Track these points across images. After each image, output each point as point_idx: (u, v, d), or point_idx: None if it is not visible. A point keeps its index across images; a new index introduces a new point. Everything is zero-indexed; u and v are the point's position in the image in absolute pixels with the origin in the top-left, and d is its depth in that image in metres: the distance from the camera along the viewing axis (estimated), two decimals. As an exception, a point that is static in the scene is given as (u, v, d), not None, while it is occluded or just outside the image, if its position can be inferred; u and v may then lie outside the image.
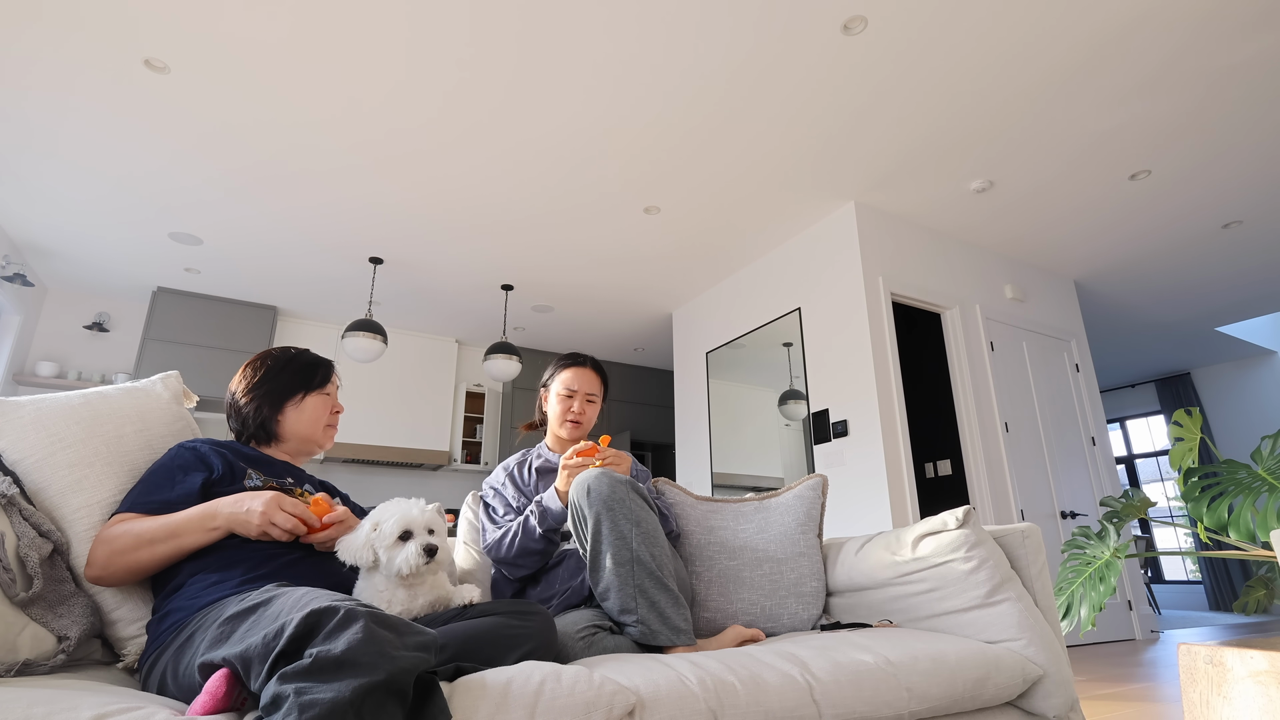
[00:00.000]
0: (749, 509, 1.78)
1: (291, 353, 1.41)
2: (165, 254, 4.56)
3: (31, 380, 4.84)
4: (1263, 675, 0.98)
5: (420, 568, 1.08)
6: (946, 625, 1.42)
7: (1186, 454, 1.57)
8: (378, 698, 0.69)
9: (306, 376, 1.38)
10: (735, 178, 3.73)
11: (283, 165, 3.56)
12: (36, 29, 2.62)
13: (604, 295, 5.38)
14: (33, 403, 1.20)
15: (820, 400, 4.03)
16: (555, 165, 3.59)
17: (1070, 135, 3.40)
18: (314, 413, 1.37)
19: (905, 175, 3.74)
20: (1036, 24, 2.67)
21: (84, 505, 1.14)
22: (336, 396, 1.45)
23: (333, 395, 1.43)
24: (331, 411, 1.41)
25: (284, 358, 1.39)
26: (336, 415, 1.43)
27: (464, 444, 6.25)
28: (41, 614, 1.02)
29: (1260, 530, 1.31)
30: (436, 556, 1.10)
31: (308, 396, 1.37)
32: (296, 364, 1.39)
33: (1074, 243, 4.57)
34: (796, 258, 4.40)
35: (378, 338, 4.56)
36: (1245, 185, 3.90)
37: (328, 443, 1.42)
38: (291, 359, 1.40)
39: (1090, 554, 1.66)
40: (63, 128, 3.21)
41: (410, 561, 1.08)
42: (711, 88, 3.00)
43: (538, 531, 1.52)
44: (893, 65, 2.88)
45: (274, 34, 2.66)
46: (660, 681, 0.96)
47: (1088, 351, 4.96)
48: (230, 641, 0.82)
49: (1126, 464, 8.53)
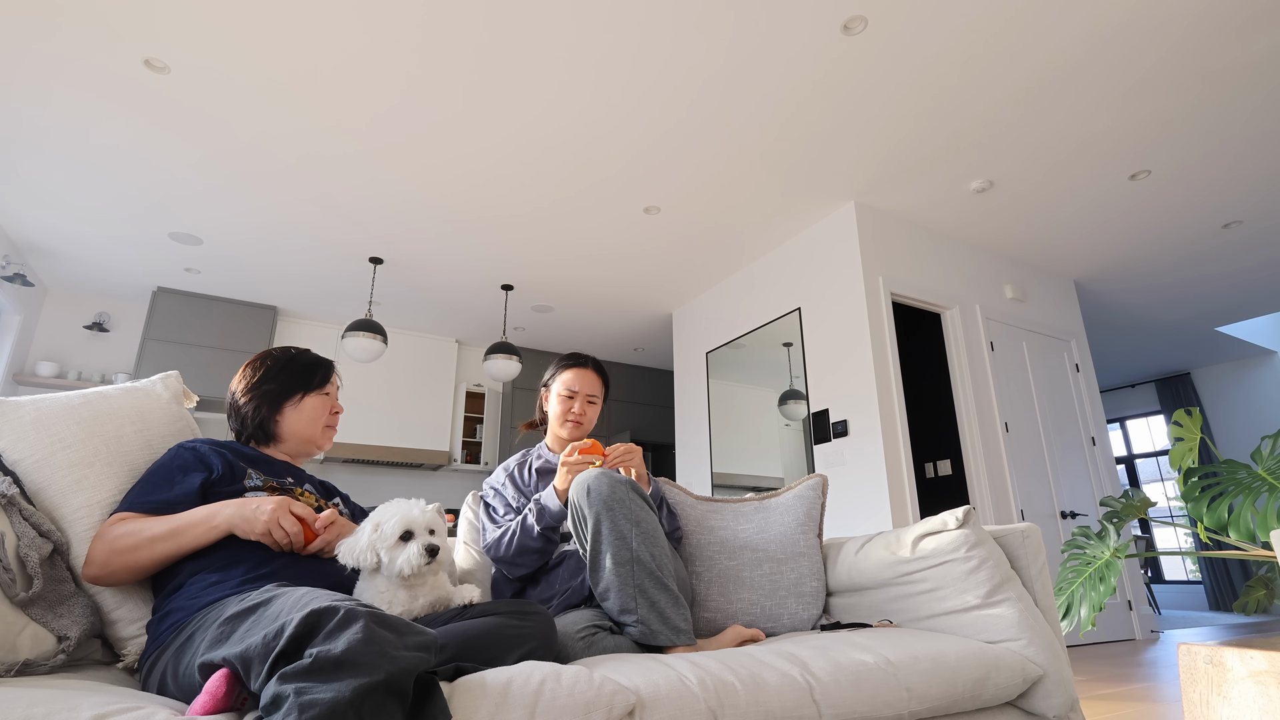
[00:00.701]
0: (749, 509, 1.78)
1: (291, 353, 1.41)
2: (165, 254, 4.56)
3: (31, 380, 4.84)
4: (1263, 675, 0.98)
5: (421, 568, 1.08)
6: (946, 625, 1.42)
7: (1186, 454, 1.57)
8: (378, 698, 0.69)
9: (306, 377, 1.38)
10: (735, 177, 3.73)
11: (283, 165, 3.56)
12: (37, 29, 2.62)
13: (604, 295, 5.38)
14: (33, 403, 1.20)
15: (820, 400, 4.03)
16: (555, 165, 3.59)
17: (1070, 135, 3.40)
18: (312, 413, 1.37)
19: (905, 175, 3.74)
20: (1036, 23, 2.67)
21: (84, 505, 1.14)
22: (336, 397, 1.45)
23: (332, 395, 1.42)
24: (330, 412, 1.41)
25: (284, 358, 1.39)
26: (336, 416, 1.43)
27: (464, 444, 6.25)
28: (41, 614, 1.02)
29: (1260, 530, 1.31)
30: (437, 557, 1.10)
31: (306, 397, 1.37)
32: (296, 364, 1.39)
33: (1074, 242, 4.57)
34: (796, 258, 4.40)
35: (378, 338, 4.56)
36: (1245, 185, 3.90)
37: (326, 443, 1.42)
38: (291, 359, 1.40)
39: (1090, 554, 1.66)
40: (63, 128, 3.21)
41: (412, 562, 1.07)
42: (712, 87, 3.00)
43: (536, 530, 1.52)
44: (892, 65, 2.88)
45: (274, 33, 2.66)
46: (660, 681, 0.96)
47: (1088, 351, 4.96)
48: (230, 641, 0.82)
49: (1126, 464, 8.53)
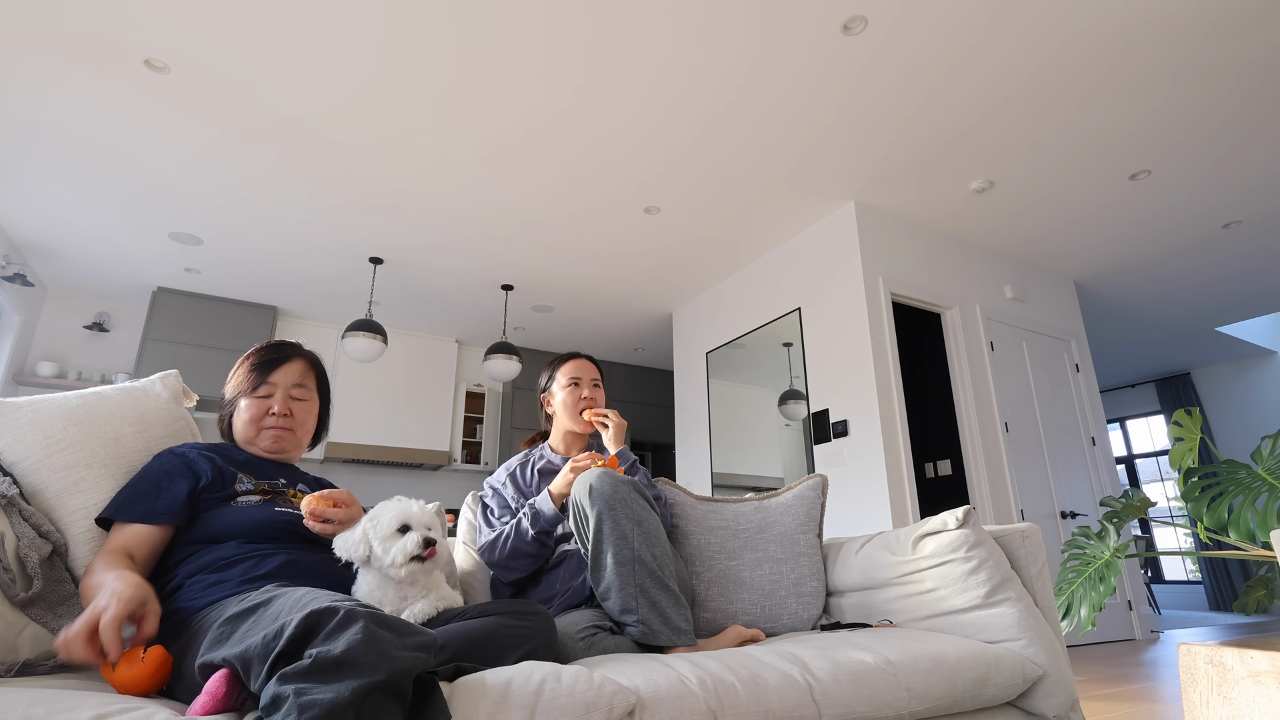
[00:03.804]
0: (749, 509, 1.78)
1: (249, 354, 1.37)
2: (165, 254, 4.56)
3: (31, 380, 4.84)
4: (1263, 675, 0.98)
5: (414, 564, 1.07)
6: (946, 625, 1.42)
7: (1186, 454, 1.57)
8: (377, 698, 0.69)
9: (248, 380, 1.33)
10: (735, 177, 3.73)
11: (283, 165, 3.56)
12: (37, 28, 2.62)
13: (604, 295, 5.38)
14: (30, 404, 1.20)
15: (820, 400, 4.03)
16: (556, 165, 3.59)
17: (1070, 135, 3.40)
18: (244, 414, 1.31)
19: (905, 175, 3.74)
20: (1036, 23, 2.67)
21: (81, 507, 1.14)
22: (286, 397, 1.33)
23: (276, 396, 1.32)
24: (267, 413, 1.31)
25: (243, 361, 1.36)
26: (282, 417, 1.32)
27: (464, 444, 6.25)
28: (41, 614, 1.02)
29: (1260, 530, 1.31)
30: (433, 557, 1.09)
31: (241, 399, 1.32)
32: (246, 366, 1.35)
33: (1074, 242, 4.57)
34: (797, 258, 4.40)
35: (378, 338, 4.56)
36: (1245, 185, 3.90)
37: (271, 444, 1.32)
38: (245, 360, 1.36)
39: (1090, 554, 1.66)
40: (63, 128, 3.21)
41: (406, 550, 1.06)
42: (712, 87, 3.00)
43: (530, 534, 1.52)
44: (892, 65, 2.88)
45: (274, 34, 2.66)
46: (660, 681, 0.96)
47: (1088, 351, 4.96)
48: (230, 642, 0.82)
49: (1126, 464, 8.53)
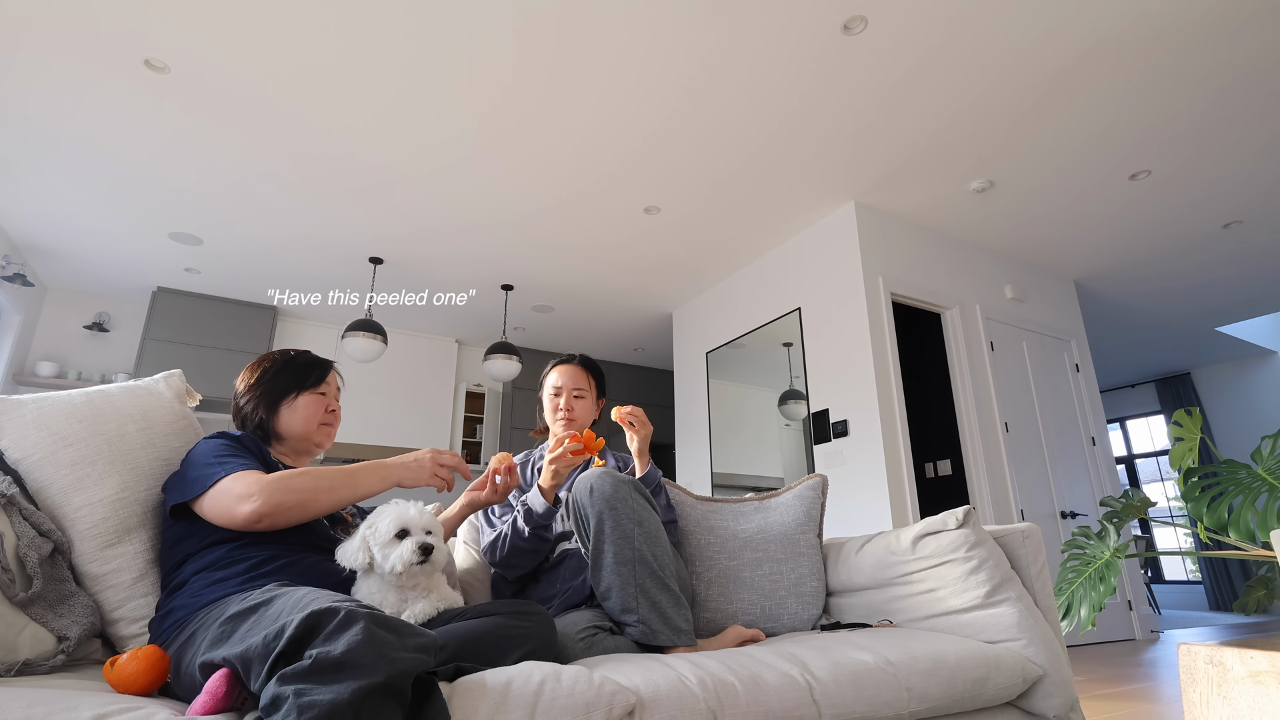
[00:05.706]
0: (749, 509, 1.78)
1: (290, 354, 1.42)
2: (165, 254, 4.56)
3: (31, 380, 4.84)
4: (1263, 675, 0.98)
5: (413, 566, 1.07)
6: (946, 625, 1.42)
7: (1186, 454, 1.57)
8: (377, 699, 0.69)
9: (301, 376, 1.39)
10: (735, 177, 3.73)
11: (283, 164, 3.56)
12: (37, 29, 2.62)
13: (604, 295, 5.38)
14: (35, 401, 1.21)
15: (820, 400, 4.03)
16: (555, 165, 3.59)
17: (1070, 135, 3.40)
18: (306, 411, 1.37)
19: (905, 175, 3.74)
20: (1036, 22, 2.67)
21: (85, 504, 1.14)
22: (335, 397, 1.44)
23: (329, 395, 1.42)
24: (327, 410, 1.41)
25: (282, 359, 1.40)
26: (333, 414, 1.42)
27: (464, 444, 6.25)
28: (41, 614, 1.02)
29: (1260, 530, 1.31)
30: (432, 557, 1.08)
31: (300, 395, 1.37)
32: (293, 365, 1.40)
33: (1074, 242, 4.57)
34: (796, 257, 4.40)
35: (378, 338, 4.56)
36: (1245, 185, 3.90)
37: (325, 441, 1.41)
38: (289, 360, 1.40)
39: (1090, 554, 1.66)
40: (63, 127, 3.21)
41: (404, 558, 1.05)
42: (713, 87, 2.99)
43: (525, 531, 1.53)
44: (892, 64, 2.88)
45: (274, 34, 2.66)
46: (660, 681, 0.96)
47: (1088, 351, 4.96)
48: (231, 641, 0.83)
49: (1126, 464, 8.53)
